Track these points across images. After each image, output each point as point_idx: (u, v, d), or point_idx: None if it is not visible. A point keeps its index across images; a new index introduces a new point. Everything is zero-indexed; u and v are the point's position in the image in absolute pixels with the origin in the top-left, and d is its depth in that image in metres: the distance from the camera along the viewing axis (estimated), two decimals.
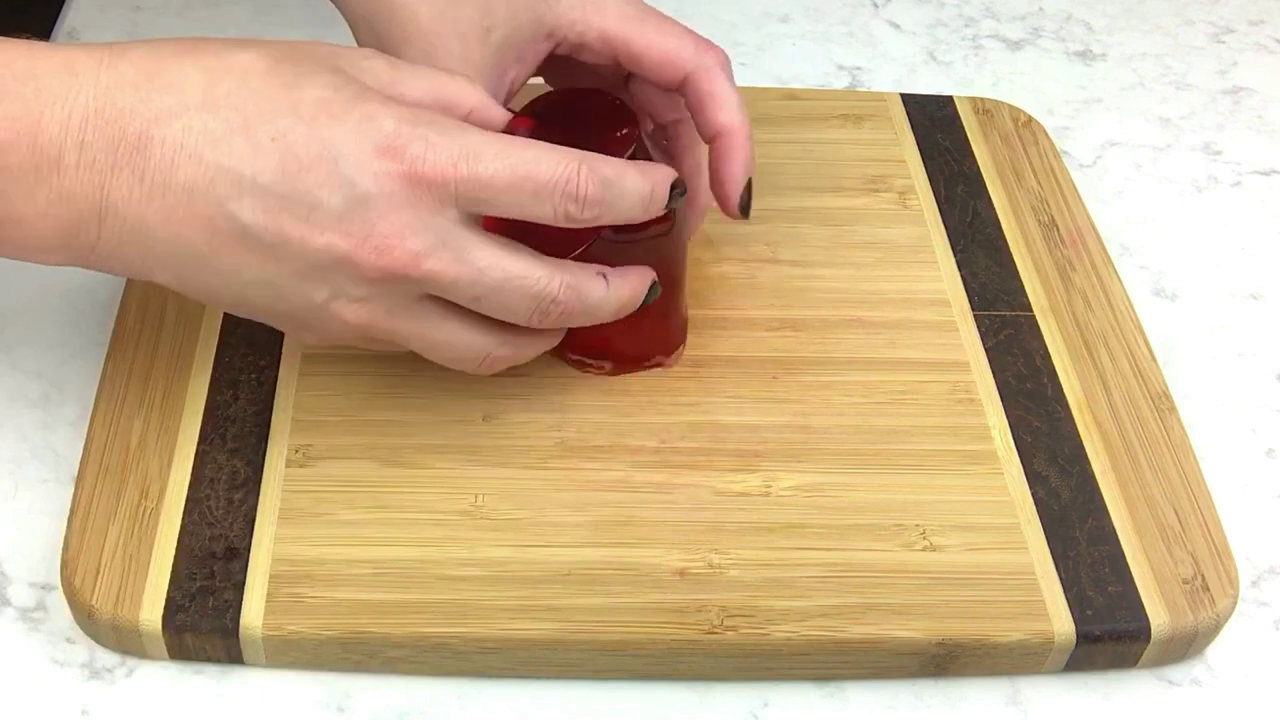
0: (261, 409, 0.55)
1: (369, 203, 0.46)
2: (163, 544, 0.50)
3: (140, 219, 0.46)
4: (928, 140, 0.69)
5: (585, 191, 0.48)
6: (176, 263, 0.47)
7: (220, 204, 0.46)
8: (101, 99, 0.45)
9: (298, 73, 0.47)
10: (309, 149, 0.46)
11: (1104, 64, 0.79)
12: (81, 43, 0.47)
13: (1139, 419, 0.57)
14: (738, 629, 0.49)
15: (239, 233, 0.46)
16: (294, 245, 0.46)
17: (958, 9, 0.83)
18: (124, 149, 0.45)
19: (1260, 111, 0.77)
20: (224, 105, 0.46)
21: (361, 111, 0.47)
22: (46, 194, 0.46)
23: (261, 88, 0.46)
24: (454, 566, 0.50)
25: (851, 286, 0.62)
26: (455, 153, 0.47)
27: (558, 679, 0.50)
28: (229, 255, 0.47)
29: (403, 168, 0.46)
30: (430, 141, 0.46)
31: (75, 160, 0.45)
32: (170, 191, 0.46)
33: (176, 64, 0.46)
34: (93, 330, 0.60)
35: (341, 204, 0.46)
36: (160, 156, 0.46)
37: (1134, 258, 0.68)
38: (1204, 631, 0.51)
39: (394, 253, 0.46)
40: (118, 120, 0.45)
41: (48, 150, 0.45)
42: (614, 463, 0.54)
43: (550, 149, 0.48)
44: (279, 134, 0.46)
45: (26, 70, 0.46)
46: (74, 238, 0.47)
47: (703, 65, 0.54)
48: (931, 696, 0.51)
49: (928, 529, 0.53)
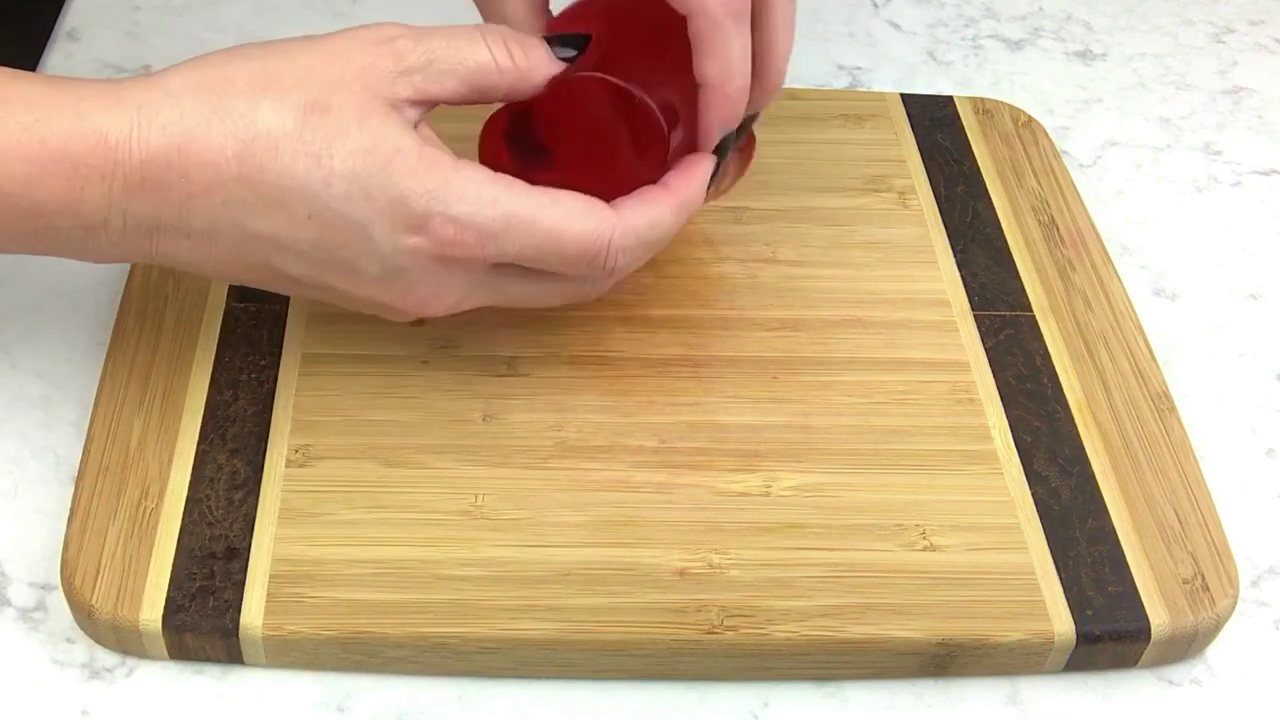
0: (261, 409, 0.55)
1: (405, 273, 0.49)
2: (163, 544, 0.50)
3: (190, 259, 0.50)
4: (928, 140, 0.69)
5: (614, 263, 0.50)
6: (224, 277, 0.51)
7: (267, 260, 0.49)
8: (136, 176, 0.47)
9: (328, 139, 0.48)
10: (344, 228, 0.48)
11: (1104, 64, 0.79)
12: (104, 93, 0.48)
13: (1139, 419, 0.57)
14: (738, 629, 0.49)
15: (287, 277, 0.50)
16: (339, 291, 0.50)
17: (958, 9, 0.83)
18: (166, 217, 0.48)
19: (1260, 111, 0.77)
20: (258, 179, 0.47)
21: (392, 189, 0.48)
22: (98, 245, 0.49)
23: (292, 164, 0.47)
24: (454, 566, 0.50)
25: (851, 286, 0.62)
26: (481, 235, 0.48)
27: (558, 679, 0.50)
28: (276, 282, 0.51)
29: (433, 250, 0.48)
30: (459, 223, 0.48)
31: (121, 225, 0.48)
32: (218, 247, 0.49)
33: (205, 133, 0.47)
34: (93, 330, 0.60)
35: (380, 272, 0.49)
36: (203, 226, 0.48)
37: (1134, 258, 0.68)
38: (1204, 631, 0.51)
39: (432, 307, 0.51)
40: (157, 194, 0.48)
41: (94, 218, 0.48)
42: (614, 463, 0.54)
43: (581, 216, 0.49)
44: (315, 213, 0.48)
45: (60, 147, 0.47)
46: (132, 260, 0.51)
47: (704, 11, 0.50)
48: (931, 696, 0.51)
49: (928, 529, 0.53)
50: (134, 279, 0.59)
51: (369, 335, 0.58)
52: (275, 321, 0.58)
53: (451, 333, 0.58)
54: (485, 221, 0.48)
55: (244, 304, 0.59)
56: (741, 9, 0.51)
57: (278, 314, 0.58)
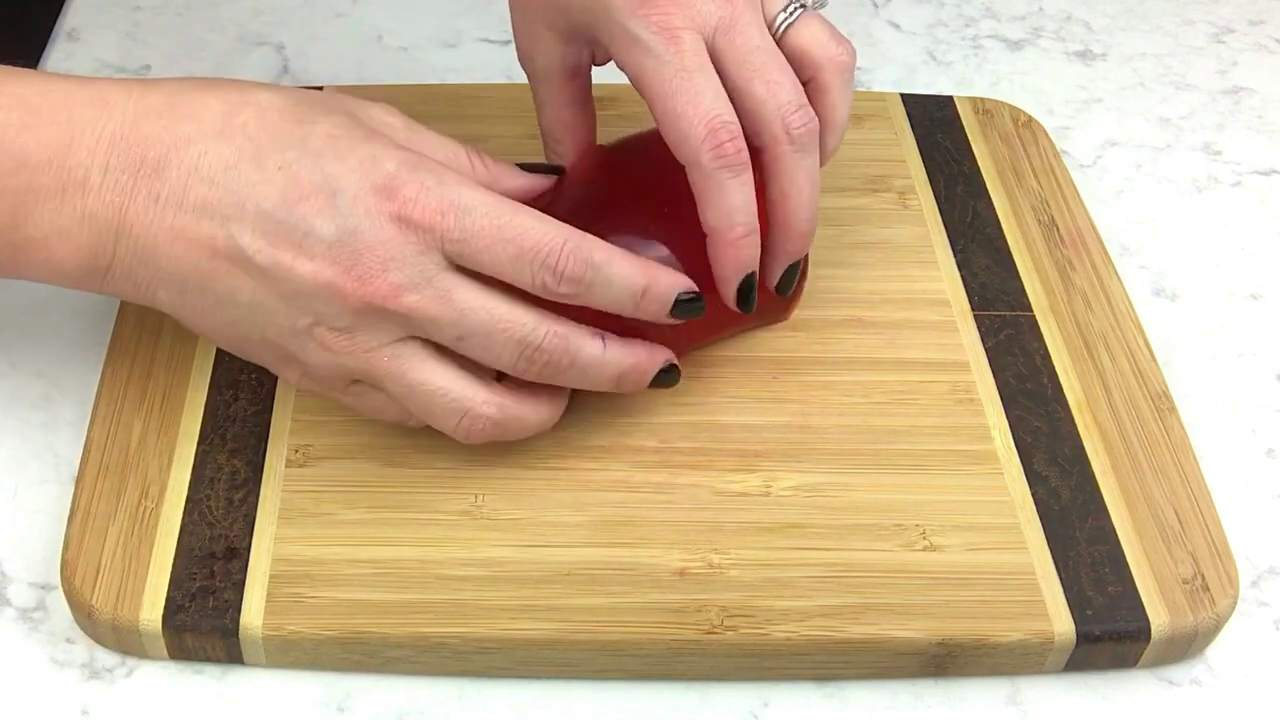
0: (261, 409, 0.55)
1: (358, 235, 0.48)
2: (163, 544, 0.50)
3: (152, 238, 0.48)
4: (928, 140, 0.69)
5: (565, 268, 0.48)
6: (179, 283, 0.49)
7: (224, 224, 0.48)
8: (128, 126, 0.48)
9: (314, 112, 0.49)
10: (311, 179, 0.48)
11: (1104, 64, 0.79)
12: (114, 78, 0.50)
13: (1139, 419, 0.57)
14: (738, 629, 0.49)
15: (236, 254, 0.48)
16: (284, 269, 0.48)
17: (958, 9, 0.83)
18: (144, 171, 0.48)
19: (1260, 111, 0.77)
20: (239, 134, 0.48)
21: (366, 151, 0.48)
22: (71, 214, 0.48)
23: (277, 121, 0.49)
24: (454, 566, 0.50)
25: (851, 286, 0.62)
26: (446, 202, 0.48)
27: (558, 679, 0.50)
28: (225, 276, 0.48)
29: (394, 207, 0.48)
30: (426, 187, 0.48)
31: (99, 182, 0.48)
32: (182, 211, 0.48)
33: (200, 96, 0.49)
34: (93, 330, 0.60)
35: (333, 233, 0.48)
36: (176, 178, 0.48)
37: (1134, 258, 0.68)
38: (1204, 631, 0.51)
39: (375, 283, 0.48)
40: (141, 145, 0.48)
41: (75, 172, 0.48)
42: (614, 463, 0.54)
43: (546, 221, 0.49)
44: (285, 164, 0.48)
45: (61, 100, 0.48)
46: (93, 259, 0.49)
47: (697, 164, 0.50)
48: (931, 696, 0.51)
49: (928, 529, 0.53)
50: None
51: None
52: None
53: None
54: (452, 194, 0.48)
55: None
56: (736, 160, 0.50)
57: None
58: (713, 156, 0.50)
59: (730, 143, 0.50)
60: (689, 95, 0.50)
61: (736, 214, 0.51)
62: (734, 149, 0.50)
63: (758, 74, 0.51)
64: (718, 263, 0.52)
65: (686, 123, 0.50)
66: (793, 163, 0.52)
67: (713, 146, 0.50)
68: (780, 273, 0.55)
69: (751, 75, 0.51)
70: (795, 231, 0.53)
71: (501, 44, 0.77)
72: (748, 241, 0.52)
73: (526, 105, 0.61)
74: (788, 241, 0.54)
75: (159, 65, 0.73)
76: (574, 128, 0.57)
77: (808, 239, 0.54)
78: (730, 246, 0.52)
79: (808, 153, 0.52)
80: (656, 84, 0.51)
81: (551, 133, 0.58)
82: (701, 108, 0.50)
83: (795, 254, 0.54)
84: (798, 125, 0.52)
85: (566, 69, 0.56)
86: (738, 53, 0.51)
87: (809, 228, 0.54)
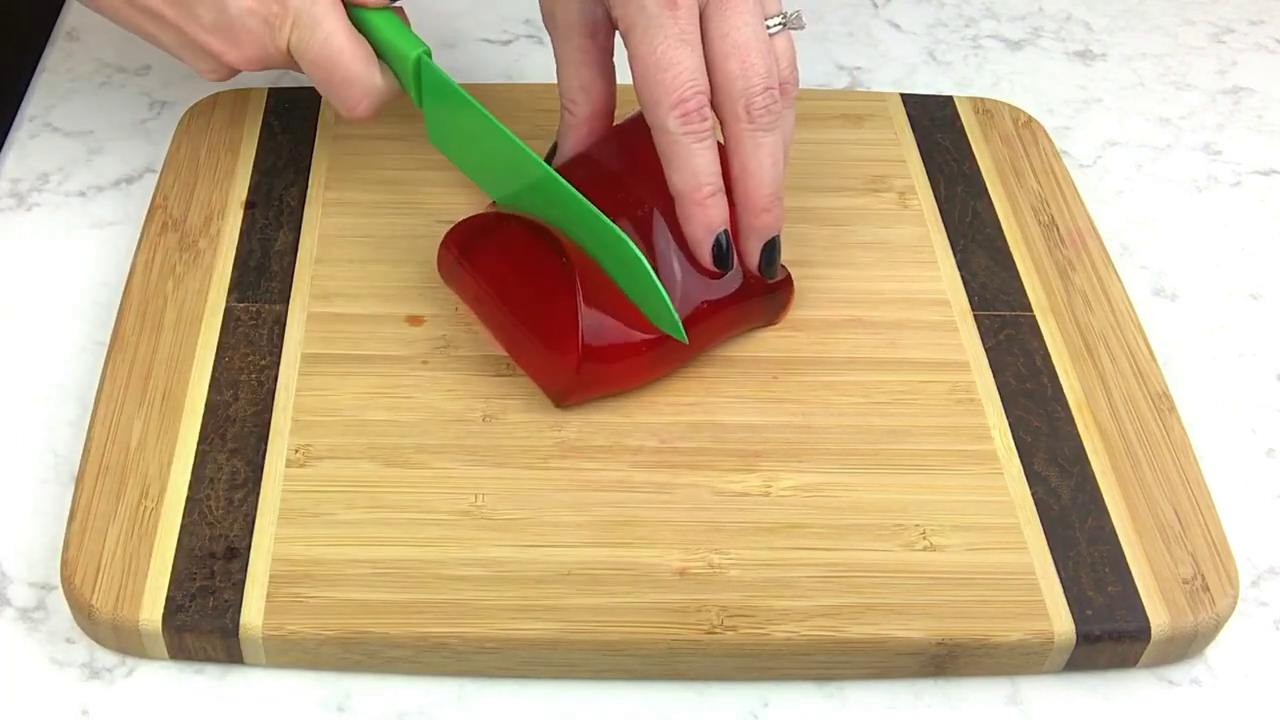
0: (261, 409, 0.55)
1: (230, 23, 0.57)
2: (163, 544, 0.50)
3: None
4: (928, 140, 0.69)
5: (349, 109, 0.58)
6: None
7: None
8: None
9: None
10: None
11: (1104, 64, 0.79)
12: None
13: (1139, 419, 0.57)
14: (738, 629, 0.49)
15: None
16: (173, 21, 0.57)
17: (958, 9, 0.83)
18: None
19: (1260, 111, 0.77)
20: None
21: None
22: None
23: None
24: (454, 566, 0.50)
25: (851, 286, 0.62)
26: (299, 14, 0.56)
27: (558, 679, 0.50)
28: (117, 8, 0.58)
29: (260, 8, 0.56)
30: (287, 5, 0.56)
31: None
32: None
33: None
34: (93, 330, 0.60)
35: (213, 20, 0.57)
36: None
37: (1134, 258, 0.68)
38: (1204, 631, 0.51)
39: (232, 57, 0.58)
40: None
41: None
42: (614, 463, 0.54)
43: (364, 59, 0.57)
44: None
45: None
46: None
47: (664, 129, 0.53)
48: (931, 696, 0.51)
49: (928, 529, 0.53)
50: (134, 279, 0.59)
51: (369, 335, 0.58)
52: (275, 321, 0.58)
53: (452, 332, 0.58)
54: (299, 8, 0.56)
55: (244, 304, 0.59)
56: (701, 129, 0.53)
57: (278, 314, 0.58)
58: (680, 122, 0.53)
59: (696, 112, 0.53)
60: (669, 62, 0.53)
61: (701, 175, 0.54)
62: (699, 118, 0.53)
63: (736, 51, 0.54)
64: (689, 223, 0.54)
65: (661, 89, 0.53)
66: (751, 140, 0.54)
67: (681, 115, 0.53)
68: (757, 251, 0.56)
69: (730, 51, 0.54)
70: (758, 206, 0.55)
71: (501, 44, 0.77)
72: (714, 201, 0.54)
73: (526, 105, 0.61)
74: (753, 216, 0.55)
75: (159, 65, 0.73)
76: (590, 89, 0.58)
77: (773, 215, 0.56)
78: (699, 206, 0.54)
79: (767, 131, 0.54)
80: (643, 44, 0.53)
81: (568, 93, 0.59)
82: (679, 78, 0.53)
83: (764, 229, 0.56)
84: (759, 106, 0.54)
85: (585, 27, 0.57)
86: (724, 27, 0.54)
87: (771, 203, 0.55)
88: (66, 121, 0.70)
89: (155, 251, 0.61)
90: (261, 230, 0.62)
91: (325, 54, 0.57)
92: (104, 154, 0.68)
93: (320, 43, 0.57)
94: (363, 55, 0.57)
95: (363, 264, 0.61)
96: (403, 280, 0.59)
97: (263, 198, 0.63)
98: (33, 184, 0.66)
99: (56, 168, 0.67)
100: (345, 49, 0.57)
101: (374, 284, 0.60)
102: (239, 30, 0.57)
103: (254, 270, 0.60)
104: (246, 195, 0.63)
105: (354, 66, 0.57)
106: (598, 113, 0.59)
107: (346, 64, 0.57)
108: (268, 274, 0.60)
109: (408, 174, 0.65)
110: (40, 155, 0.68)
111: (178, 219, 0.62)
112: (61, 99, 0.71)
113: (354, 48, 0.57)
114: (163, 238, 0.61)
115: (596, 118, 0.59)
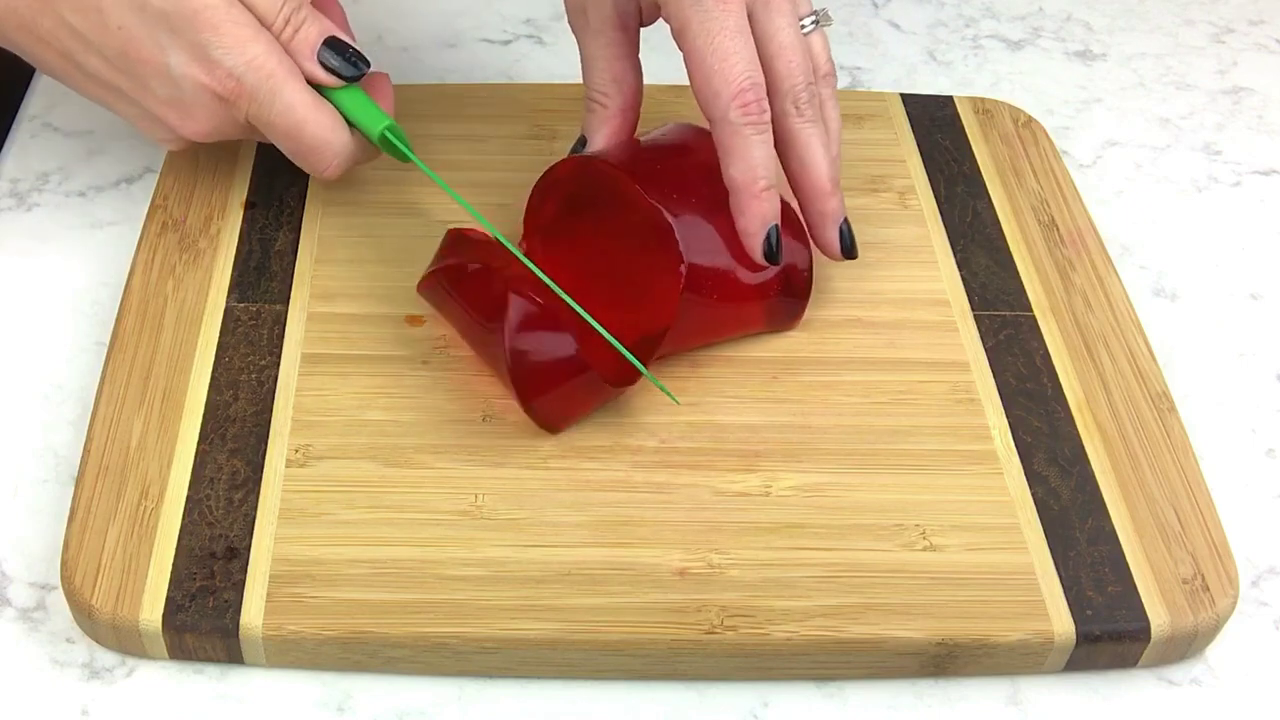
0: (261, 409, 0.55)
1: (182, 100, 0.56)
2: (163, 544, 0.50)
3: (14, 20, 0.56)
4: (928, 140, 0.69)
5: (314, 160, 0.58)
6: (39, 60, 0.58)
7: (70, 54, 0.56)
8: None
9: None
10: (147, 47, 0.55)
11: (1104, 64, 0.79)
12: None
13: (1139, 419, 0.57)
14: (738, 629, 0.49)
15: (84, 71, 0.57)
16: (128, 92, 0.57)
17: (958, 9, 0.83)
18: None
19: (1260, 111, 0.77)
20: None
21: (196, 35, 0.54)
22: None
23: None
24: (454, 566, 0.50)
25: (851, 286, 0.62)
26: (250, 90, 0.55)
27: (558, 679, 0.50)
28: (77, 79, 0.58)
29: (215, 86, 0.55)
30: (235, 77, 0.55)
31: None
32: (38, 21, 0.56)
33: None
34: (93, 330, 0.60)
35: (167, 95, 0.56)
36: None
37: (1134, 258, 0.68)
38: (1204, 631, 0.51)
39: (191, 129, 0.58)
40: None
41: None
42: (614, 463, 0.54)
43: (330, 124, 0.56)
44: (123, 25, 0.55)
45: None
46: None
47: (725, 119, 0.54)
48: (931, 696, 0.51)
49: (928, 529, 0.53)
50: (134, 279, 0.59)
51: (369, 335, 0.58)
52: (275, 321, 0.58)
53: (452, 332, 0.58)
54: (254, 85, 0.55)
55: (244, 304, 0.59)
56: (760, 120, 0.54)
57: (278, 314, 0.58)
58: (741, 113, 0.54)
59: (756, 103, 0.54)
60: (727, 54, 0.54)
61: (759, 167, 0.54)
62: (759, 109, 0.54)
63: (782, 52, 0.55)
64: (743, 216, 0.55)
65: (720, 79, 0.54)
66: (804, 132, 0.56)
67: (741, 105, 0.54)
68: (835, 236, 0.58)
69: (777, 52, 0.55)
70: (823, 191, 0.57)
71: (501, 44, 0.77)
72: (770, 194, 0.55)
73: (526, 105, 0.61)
74: (819, 201, 0.57)
75: None
76: (622, 81, 0.59)
77: (838, 199, 0.58)
78: (755, 199, 0.55)
79: (815, 122, 0.56)
80: (701, 37, 0.54)
81: (600, 87, 0.59)
82: (737, 68, 0.54)
83: (834, 214, 0.58)
84: (805, 100, 0.56)
85: (619, 19, 0.58)
86: (769, 29, 0.55)
87: (833, 186, 0.57)
88: (66, 121, 0.70)
89: (155, 251, 0.61)
90: (261, 230, 0.62)
91: (286, 125, 0.56)
92: (104, 154, 0.68)
93: (280, 114, 0.56)
94: (327, 121, 0.57)
95: (363, 264, 0.61)
96: (403, 280, 0.59)
97: (263, 198, 0.63)
98: (33, 184, 0.66)
99: (56, 168, 0.67)
100: (308, 119, 0.56)
101: (374, 284, 0.60)
102: (192, 105, 0.56)
103: (254, 270, 0.60)
104: (246, 195, 0.64)
105: (318, 134, 0.56)
106: (630, 105, 0.59)
107: (310, 132, 0.56)
108: (268, 274, 0.60)
109: (408, 174, 0.65)
110: (40, 155, 0.68)
111: (178, 219, 0.62)
112: (61, 99, 0.71)
113: (317, 115, 0.56)
114: (163, 238, 0.61)
115: (630, 110, 0.59)
